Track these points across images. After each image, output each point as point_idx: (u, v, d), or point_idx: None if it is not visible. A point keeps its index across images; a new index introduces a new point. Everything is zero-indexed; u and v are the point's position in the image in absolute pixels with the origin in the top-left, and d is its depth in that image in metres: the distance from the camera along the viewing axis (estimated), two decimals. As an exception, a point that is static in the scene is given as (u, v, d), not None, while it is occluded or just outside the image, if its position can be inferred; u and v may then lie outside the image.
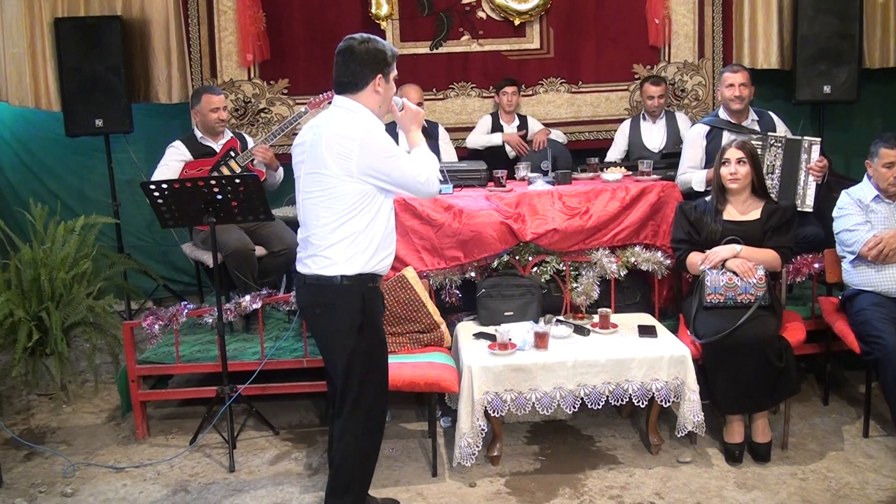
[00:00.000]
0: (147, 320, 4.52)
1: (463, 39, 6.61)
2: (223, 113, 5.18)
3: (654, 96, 6.08)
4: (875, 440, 4.23)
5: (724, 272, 4.12)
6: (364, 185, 3.15)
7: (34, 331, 4.71)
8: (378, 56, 3.19)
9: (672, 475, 3.95)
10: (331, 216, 3.19)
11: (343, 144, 3.11)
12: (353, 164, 3.11)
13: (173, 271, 7.04)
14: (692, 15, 6.59)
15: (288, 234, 5.16)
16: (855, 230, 4.21)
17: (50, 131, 6.69)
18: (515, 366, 3.95)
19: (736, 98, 5.02)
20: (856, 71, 6.24)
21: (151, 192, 4.10)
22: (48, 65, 6.30)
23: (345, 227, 3.18)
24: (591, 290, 4.77)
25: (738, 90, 5.01)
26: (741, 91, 5.01)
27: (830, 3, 6.20)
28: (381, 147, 3.13)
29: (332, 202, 3.17)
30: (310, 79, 6.48)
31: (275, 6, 6.46)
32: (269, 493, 3.90)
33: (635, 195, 4.85)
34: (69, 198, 6.80)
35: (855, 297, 4.22)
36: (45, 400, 5.07)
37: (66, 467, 4.19)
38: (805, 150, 4.81)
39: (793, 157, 4.84)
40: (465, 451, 3.89)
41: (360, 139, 3.10)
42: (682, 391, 3.99)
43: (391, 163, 3.15)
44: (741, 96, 5.02)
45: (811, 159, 4.80)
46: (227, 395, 4.24)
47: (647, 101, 6.14)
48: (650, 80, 6.16)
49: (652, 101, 6.09)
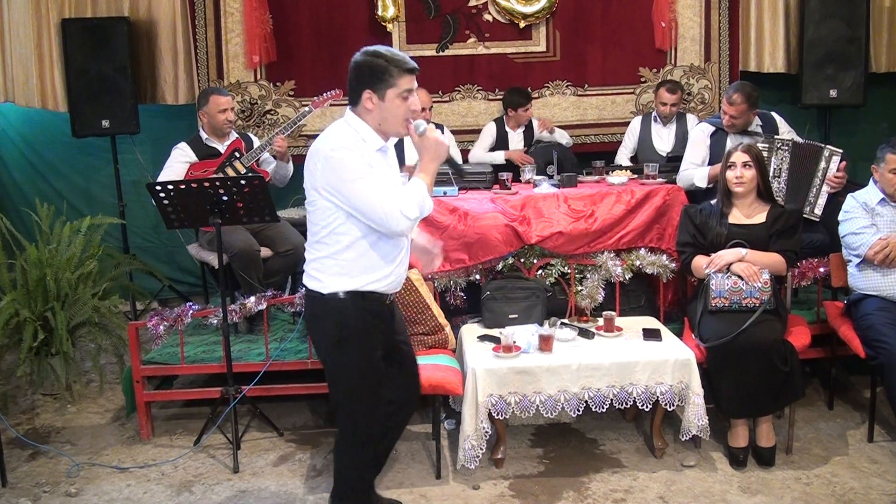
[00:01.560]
0: (152, 321, 4.52)
1: (469, 42, 6.60)
2: (231, 114, 5.20)
3: (667, 103, 6.04)
4: (880, 445, 4.22)
5: (729, 276, 4.11)
6: (329, 202, 3.05)
7: (39, 331, 4.73)
8: (370, 71, 3.03)
9: (676, 479, 3.94)
10: (313, 230, 3.16)
11: (312, 158, 3.06)
12: (317, 179, 3.04)
13: (179, 272, 7.05)
14: (698, 18, 6.58)
15: (293, 235, 5.17)
16: (861, 233, 4.20)
17: (56, 132, 6.71)
18: (520, 368, 3.94)
19: (725, 123, 5.10)
20: (862, 75, 6.24)
21: (157, 193, 4.11)
22: (55, 66, 6.33)
23: (324, 244, 3.13)
24: (596, 294, 4.77)
25: (728, 120, 5.10)
26: (732, 121, 5.09)
27: (837, 7, 6.20)
28: (344, 167, 2.97)
29: (314, 216, 3.14)
30: (316, 81, 6.47)
31: (281, 8, 6.47)
32: (273, 495, 3.90)
33: (640, 198, 4.85)
34: (75, 198, 6.81)
35: (860, 301, 4.21)
36: (49, 400, 5.08)
37: (71, 467, 4.20)
38: (825, 160, 4.80)
39: (806, 162, 4.83)
40: (469, 454, 3.88)
41: (325, 155, 2.99)
42: (686, 395, 3.98)
43: (350, 186, 2.97)
44: (730, 126, 5.10)
45: (829, 169, 4.79)
46: (232, 395, 4.25)
47: (659, 105, 6.10)
48: (666, 87, 6.07)
49: (665, 108, 6.06)
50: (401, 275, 3.26)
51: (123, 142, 6.51)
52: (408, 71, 3.04)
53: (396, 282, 3.24)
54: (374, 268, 3.14)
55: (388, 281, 3.19)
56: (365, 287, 3.13)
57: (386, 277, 3.18)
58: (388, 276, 3.18)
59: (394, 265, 3.19)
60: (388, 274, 3.18)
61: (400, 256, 3.22)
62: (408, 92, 3.05)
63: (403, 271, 3.27)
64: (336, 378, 3.26)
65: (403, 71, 3.03)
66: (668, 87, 6.06)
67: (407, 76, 3.03)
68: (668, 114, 6.07)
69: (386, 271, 3.17)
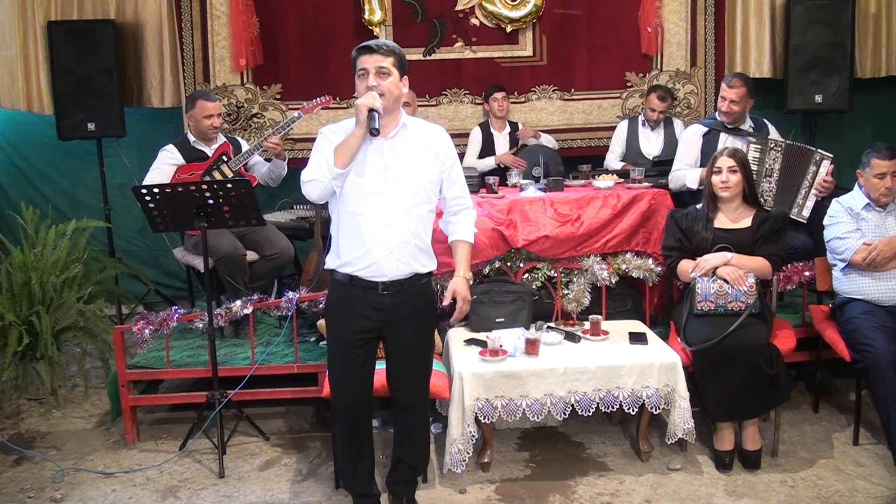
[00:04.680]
0: (137, 325, 4.50)
1: (456, 46, 6.61)
2: (217, 120, 5.17)
3: (655, 109, 6.03)
4: (865, 448, 4.24)
5: (714, 280, 4.13)
6: None
7: (24, 335, 4.70)
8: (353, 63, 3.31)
9: (662, 482, 3.95)
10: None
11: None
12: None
13: (164, 276, 7.02)
14: (684, 23, 6.60)
15: (280, 239, 5.16)
16: (846, 238, 4.22)
17: (42, 135, 6.67)
18: (506, 372, 3.95)
19: (723, 112, 5.08)
20: (847, 80, 6.26)
21: (143, 197, 4.09)
22: (41, 68, 6.28)
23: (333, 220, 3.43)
24: (583, 297, 4.78)
25: (728, 105, 5.07)
26: (730, 107, 5.06)
27: (822, 12, 6.22)
28: (318, 140, 3.31)
29: None
30: (303, 84, 6.47)
31: (268, 11, 6.45)
32: (259, 500, 3.89)
33: (627, 202, 4.87)
34: (61, 202, 6.78)
35: (845, 305, 4.24)
36: (34, 404, 5.05)
37: (56, 472, 4.18)
38: (815, 163, 4.82)
39: (797, 164, 4.85)
40: (456, 458, 3.88)
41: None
42: (672, 398, 3.99)
43: (312, 155, 3.32)
44: (730, 111, 5.07)
45: (818, 173, 4.81)
46: (218, 400, 4.24)
47: (648, 110, 6.09)
48: (657, 93, 6.05)
49: (653, 113, 6.05)
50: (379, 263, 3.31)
51: (109, 145, 6.48)
52: (359, 51, 3.25)
53: (377, 270, 3.31)
54: (348, 250, 3.33)
55: (362, 265, 3.32)
56: (342, 268, 3.37)
57: (357, 261, 3.32)
58: (359, 259, 3.31)
59: (363, 250, 3.30)
60: (359, 258, 3.31)
61: (371, 243, 3.29)
62: (362, 70, 3.24)
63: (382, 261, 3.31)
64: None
65: (357, 53, 3.26)
66: (659, 95, 6.04)
67: (360, 57, 3.25)
68: (655, 119, 6.08)
69: (356, 254, 3.32)
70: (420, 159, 3.33)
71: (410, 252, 3.34)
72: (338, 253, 3.38)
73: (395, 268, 3.32)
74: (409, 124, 3.37)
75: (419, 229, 3.36)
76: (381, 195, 3.27)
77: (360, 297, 3.36)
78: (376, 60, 3.21)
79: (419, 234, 3.36)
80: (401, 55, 3.28)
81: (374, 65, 3.20)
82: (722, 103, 5.10)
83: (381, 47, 3.22)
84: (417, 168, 3.33)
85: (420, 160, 3.33)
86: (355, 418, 3.53)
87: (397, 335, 3.43)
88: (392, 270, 3.32)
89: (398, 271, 3.33)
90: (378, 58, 3.21)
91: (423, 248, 3.40)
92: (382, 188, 3.27)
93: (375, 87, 3.18)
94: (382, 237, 3.28)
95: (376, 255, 3.29)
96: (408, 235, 3.31)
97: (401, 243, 3.30)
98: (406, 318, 3.40)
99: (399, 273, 3.33)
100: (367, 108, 3.14)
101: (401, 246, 3.30)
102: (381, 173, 3.28)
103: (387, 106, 3.22)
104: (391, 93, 3.23)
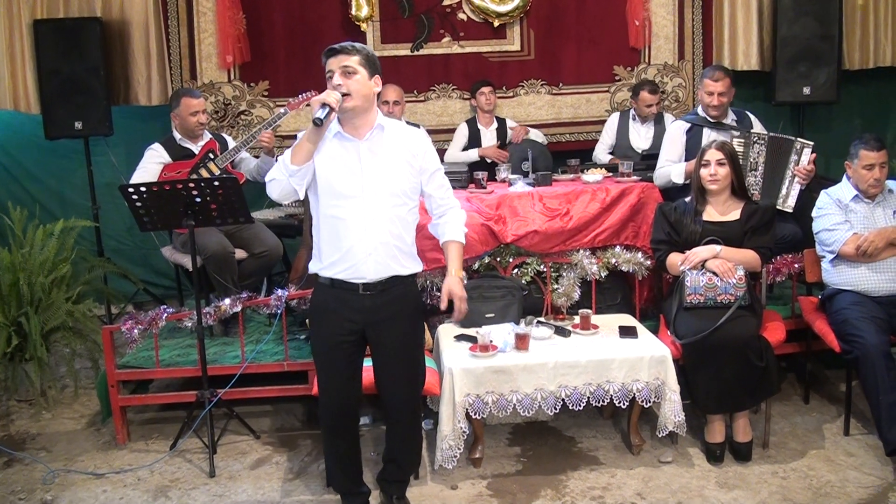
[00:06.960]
0: (126, 324, 4.49)
1: (444, 41, 6.60)
2: (202, 116, 5.15)
3: (651, 105, 6.03)
4: (856, 438, 4.25)
5: (703, 273, 4.13)
6: None
7: (13, 336, 4.68)
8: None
9: (653, 475, 3.95)
10: None
11: None
12: None
13: (153, 275, 6.99)
14: (672, 17, 6.61)
15: (268, 237, 5.14)
16: (834, 230, 4.23)
17: (29, 134, 6.62)
18: (496, 367, 3.94)
19: (713, 107, 5.02)
20: (835, 72, 6.27)
21: (130, 196, 4.07)
22: (27, 66, 6.24)
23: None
24: (572, 292, 4.78)
25: (717, 99, 4.99)
26: (719, 100, 5.00)
27: (810, 4, 6.22)
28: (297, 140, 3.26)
29: None
30: (290, 81, 6.46)
31: (255, 8, 6.43)
32: (250, 498, 3.88)
33: (615, 196, 4.87)
34: (48, 201, 6.75)
35: (834, 296, 4.24)
36: (24, 406, 5.03)
37: (46, 474, 4.16)
38: (796, 152, 4.80)
39: (780, 155, 4.83)
40: (447, 454, 3.88)
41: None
42: (662, 391, 4.00)
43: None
44: (719, 105, 5.02)
45: (801, 161, 4.78)
46: (208, 399, 4.23)
47: (643, 108, 6.06)
48: (648, 88, 6.05)
49: (648, 109, 6.04)
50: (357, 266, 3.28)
51: (96, 144, 6.45)
52: (325, 55, 3.26)
53: (356, 272, 3.29)
54: (328, 253, 3.33)
55: (341, 267, 3.31)
56: (323, 271, 3.37)
57: (337, 263, 3.31)
58: (339, 262, 3.30)
59: (341, 252, 3.29)
60: (338, 260, 3.30)
61: (348, 245, 3.27)
62: (329, 72, 3.23)
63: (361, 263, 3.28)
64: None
65: (324, 56, 3.26)
66: (650, 89, 6.04)
67: (327, 60, 3.25)
68: (649, 114, 6.06)
69: (336, 257, 3.31)
70: (397, 162, 3.30)
71: (390, 254, 3.30)
72: (319, 257, 3.38)
73: (374, 270, 3.29)
74: (387, 126, 3.34)
75: (400, 231, 3.33)
76: (358, 198, 3.25)
77: (341, 299, 3.34)
78: (340, 60, 3.20)
79: (400, 235, 3.33)
80: (368, 54, 3.26)
81: (338, 65, 3.19)
82: (709, 98, 5.02)
83: (346, 47, 3.21)
84: (394, 170, 3.30)
85: (397, 162, 3.30)
86: (340, 418, 3.52)
87: (381, 336, 3.40)
88: (371, 272, 3.29)
89: (378, 273, 3.30)
90: (342, 57, 3.20)
91: (404, 251, 3.36)
92: (359, 191, 3.25)
93: (340, 86, 3.17)
94: (360, 239, 3.26)
95: (355, 258, 3.27)
96: (387, 237, 3.29)
97: (380, 245, 3.28)
98: (389, 319, 3.37)
99: (379, 275, 3.31)
100: (321, 103, 3.14)
101: (380, 248, 3.28)
102: (357, 176, 3.26)
103: (356, 105, 3.21)
104: (358, 91, 3.20)
